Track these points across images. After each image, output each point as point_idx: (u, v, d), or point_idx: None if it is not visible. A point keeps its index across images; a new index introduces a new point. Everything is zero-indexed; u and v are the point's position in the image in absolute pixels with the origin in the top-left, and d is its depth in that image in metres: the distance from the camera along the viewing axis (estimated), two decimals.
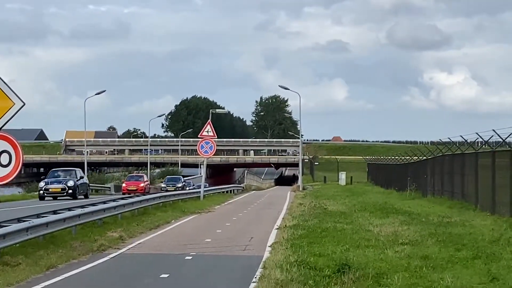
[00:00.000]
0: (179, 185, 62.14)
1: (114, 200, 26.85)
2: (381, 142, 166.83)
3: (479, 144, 29.89)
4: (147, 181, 62.96)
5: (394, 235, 18.54)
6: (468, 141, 31.32)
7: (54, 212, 20.07)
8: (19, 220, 17.59)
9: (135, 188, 56.45)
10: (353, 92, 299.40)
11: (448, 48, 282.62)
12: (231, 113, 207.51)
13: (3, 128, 15.28)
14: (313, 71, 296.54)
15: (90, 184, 51.54)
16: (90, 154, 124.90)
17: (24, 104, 15.36)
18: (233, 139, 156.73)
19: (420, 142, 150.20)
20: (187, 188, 58.82)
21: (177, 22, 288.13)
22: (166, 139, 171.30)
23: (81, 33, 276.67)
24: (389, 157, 62.29)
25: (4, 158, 14.98)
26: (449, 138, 34.99)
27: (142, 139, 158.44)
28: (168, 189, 57.29)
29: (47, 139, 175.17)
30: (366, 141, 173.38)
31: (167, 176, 73.25)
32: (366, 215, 25.95)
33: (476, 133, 28.71)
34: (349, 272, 12.31)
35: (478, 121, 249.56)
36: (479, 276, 12.15)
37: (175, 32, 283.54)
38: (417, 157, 44.81)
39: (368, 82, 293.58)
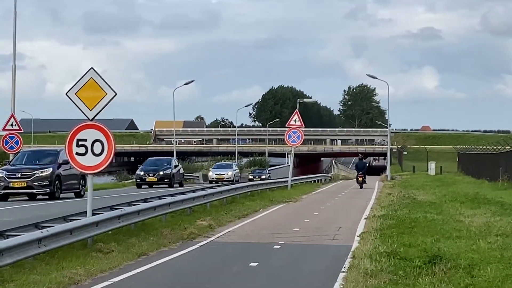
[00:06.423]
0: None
1: (203, 189, 27.16)
2: (471, 131, 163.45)
3: None
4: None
5: (486, 226, 18.14)
6: None
7: (145, 201, 20.44)
8: (111, 208, 17.97)
9: None
10: (444, 81, 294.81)
11: None
12: (318, 103, 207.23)
13: (96, 118, 15.63)
14: (401, 59, 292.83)
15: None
16: (179, 144, 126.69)
17: (116, 94, 15.67)
18: (320, 129, 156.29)
19: None
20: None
21: (263, 11, 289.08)
22: (254, 129, 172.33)
23: (170, 23, 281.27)
24: (480, 147, 60.93)
25: (97, 147, 15.32)
26: None
27: (229, 129, 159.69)
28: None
29: (137, 129, 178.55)
30: (456, 130, 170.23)
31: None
32: (457, 205, 25.49)
33: None
34: (440, 263, 12.12)
35: None
36: None
37: (261, 20, 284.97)
38: (510, 147, 43.68)
39: (459, 70, 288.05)
